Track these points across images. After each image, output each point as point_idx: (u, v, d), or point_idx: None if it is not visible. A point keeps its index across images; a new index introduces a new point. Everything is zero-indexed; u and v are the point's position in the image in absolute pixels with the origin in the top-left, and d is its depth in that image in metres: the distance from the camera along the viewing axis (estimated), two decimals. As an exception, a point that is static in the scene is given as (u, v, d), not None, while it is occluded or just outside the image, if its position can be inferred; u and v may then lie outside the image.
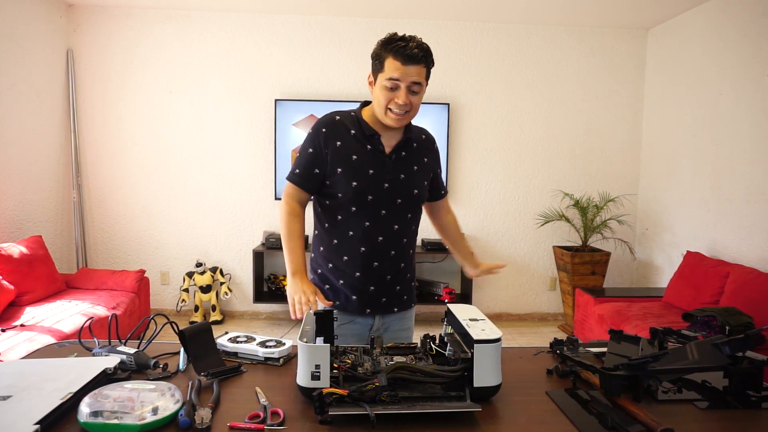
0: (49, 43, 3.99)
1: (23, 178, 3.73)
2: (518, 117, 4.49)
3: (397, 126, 1.52)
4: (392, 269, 1.59)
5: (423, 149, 1.63)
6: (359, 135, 1.53)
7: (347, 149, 1.52)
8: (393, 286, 1.60)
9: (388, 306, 1.60)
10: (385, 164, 1.54)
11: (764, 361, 1.20)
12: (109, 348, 1.30)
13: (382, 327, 1.61)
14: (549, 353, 1.43)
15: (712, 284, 3.22)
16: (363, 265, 1.55)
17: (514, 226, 4.58)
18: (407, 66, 1.42)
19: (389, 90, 1.45)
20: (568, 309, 4.30)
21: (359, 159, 1.52)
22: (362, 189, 1.51)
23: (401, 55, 1.41)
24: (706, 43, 3.74)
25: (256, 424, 1.00)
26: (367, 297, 1.57)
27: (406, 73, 1.42)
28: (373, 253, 1.55)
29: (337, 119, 1.55)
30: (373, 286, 1.57)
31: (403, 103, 1.45)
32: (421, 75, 1.45)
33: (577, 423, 1.03)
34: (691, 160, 3.90)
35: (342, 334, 1.55)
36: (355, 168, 1.51)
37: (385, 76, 1.44)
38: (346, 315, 1.57)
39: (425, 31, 4.33)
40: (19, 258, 3.20)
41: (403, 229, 1.59)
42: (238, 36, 4.31)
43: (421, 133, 1.66)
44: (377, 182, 1.52)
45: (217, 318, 4.30)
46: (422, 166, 1.61)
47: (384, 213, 1.54)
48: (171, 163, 4.37)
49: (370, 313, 1.59)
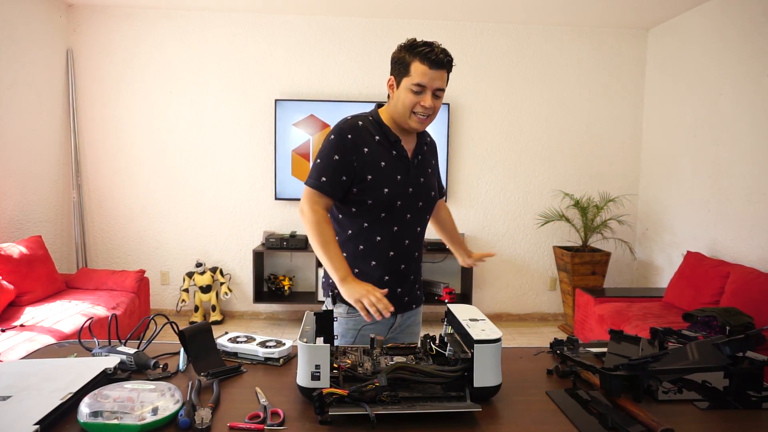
0: (49, 43, 3.99)
1: (23, 178, 3.73)
2: (518, 117, 4.49)
3: (420, 129, 1.56)
4: (415, 269, 1.66)
5: (431, 152, 1.71)
6: (383, 141, 1.54)
7: (375, 156, 1.52)
8: (414, 285, 1.67)
9: (408, 304, 1.66)
10: (410, 170, 1.58)
11: (764, 362, 1.20)
12: (109, 348, 1.29)
13: (401, 324, 1.65)
14: (549, 353, 1.43)
15: (712, 284, 3.22)
16: (392, 268, 1.58)
17: (514, 226, 4.58)
18: (434, 71, 1.45)
19: (415, 94, 1.47)
20: (568, 309, 4.30)
21: (387, 165, 1.53)
22: (393, 195, 1.53)
23: (428, 60, 1.44)
24: (706, 43, 3.74)
25: (256, 424, 1.00)
26: (395, 299, 1.57)
27: (433, 78, 1.46)
28: (401, 256, 1.59)
29: (360, 124, 1.53)
30: (400, 288, 1.61)
31: (429, 106, 1.48)
32: (444, 80, 1.49)
33: (577, 423, 1.03)
34: (691, 160, 3.90)
35: (363, 334, 1.55)
36: (385, 175, 1.52)
37: (411, 81, 1.46)
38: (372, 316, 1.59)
39: (425, 31, 4.33)
40: (18, 258, 3.20)
41: (423, 230, 1.67)
42: (238, 36, 4.31)
43: (425, 135, 1.70)
44: (404, 187, 1.55)
45: (217, 318, 4.30)
46: (434, 169, 1.71)
47: (409, 217, 1.58)
48: (171, 163, 4.37)
49: (393, 313, 1.57)
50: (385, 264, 1.57)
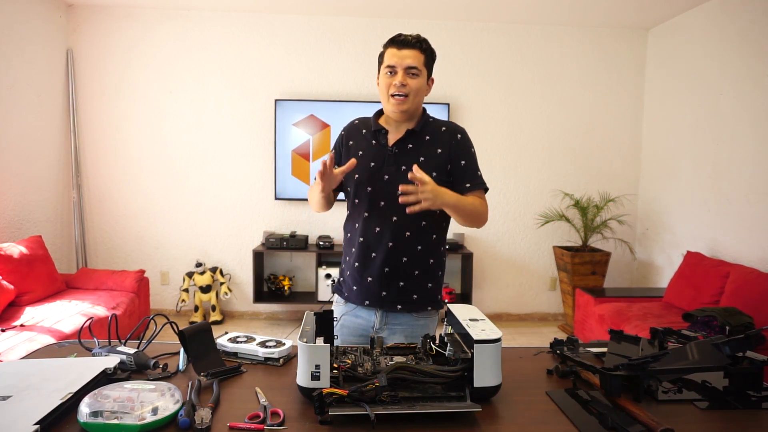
0: (49, 43, 3.99)
1: (23, 178, 3.73)
2: (518, 117, 4.49)
3: (398, 112, 1.56)
4: (390, 262, 1.56)
5: (437, 141, 1.59)
6: (368, 133, 1.65)
7: (357, 147, 1.64)
8: (394, 280, 1.57)
9: (388, 302, 1.57)
10: (386, 157, 1.59)
11: (764, 361, 1.20)
12: (109, 348, 1.29)
13: (386, 327, 1.58)
14: (549, 353, 1.43)
15: (712, 284, 3.22)
16: (361, 255, 1.60)
17: (514, 226, 4.58)
18: (402, 50, 1.53)
19: (388, 76, 1.55)
20: (568, 309, 4.30)
21: (364, 154, 1.61)
22: (362, 181, 1.59)
23: (396, 42, 1.55)
24: (707, 42, 3.74)
25: (256, 424, 1.00)
26: (365, 288, 1.59)
27: (402, 57, 1.53)
28: (370, 244, 1.59)
29: (355, 123, 1.70)
30: (370, 277, 1.59)
31: (400, 83, 1.52)
32: (416, 59, 1.54)
33: (577, 423, 1.03)
34: (691, 160, 3.90)
35: (345, 326, 1.62)
36: (359, 163, 1.58)
37: (383, 65, 1.57)
38: (349, 305, 1.65)
39: (425, 31, 4.30)
40: (18, 258, 3.20)
41: (404, 222, 1.55)
42: (238, 36, 4.31)
43: (441, 125, 1.63)
44: (377, 174, 1.58)
45: (217, 318, 4.30)
46: (431, 158, 1.57)
47: (383, 204, 1.57)
48: (171, 163, 4.37)
49: (369, 305, 1.60)
50: (357, 250, 1.61)
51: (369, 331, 1.59)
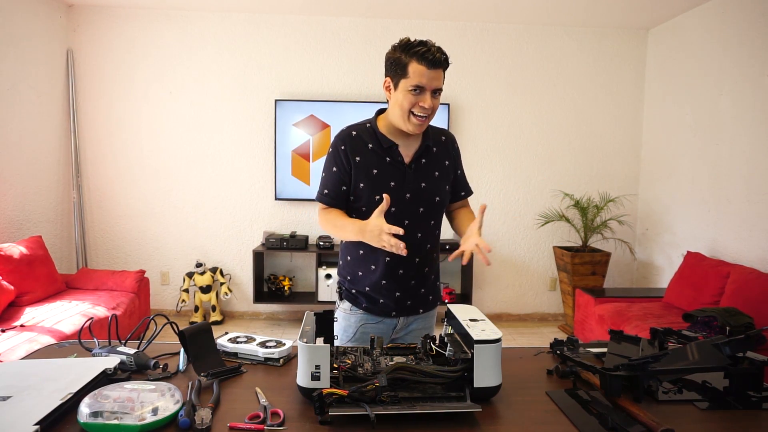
0: (49, 43, 3.99)
1: (23, 178, 3.73)
2: (518, 117, 4.49)
3: (418, 131, 1.52)
4: (417, 275, 1.61)
5: (443, 153, 1.63)
6: (377, 148, 1.55)
7: (367, 163, 1.53)
8: (418, 289, 1.63)
9: (413, 308, 1.64)
10: (406, 175, 1.55)
11: (764, 362, 1.20)
12: (109, 348, 1.29)
13: (405, 326, 1.65)
14: (549, 353, 1.43)
15: (712, 284, 3.22)
16: (389, 273, 1.57)
17: (514, 226, 4.58)
18: (432, 70, 1.44)
19: (414, 95, 1.46)
20: (568, 309, 4.30)
21: (380, 172, 1.53)
22: None
23: (426, 60, 1.42)
24: (706, 43, 3.74)
25: (256, 424, 1.00)
26: (394, 301, 1.60)
27: (431, 78, 1.44)
28: (398, 262, 1.57)
29: (353, 134, 1.56)
30: (399, 292, 1.60)
31: (429, 107, 1.46)
32: (441, 79, 1.48)
33: (578, 423, 1.03)
34: (691, 160, 3.90)
35: (365, 332, 1.59)
36: (376, 182, 1.52)
37: (410, 82, 1.45)
38: (373, 317, 1.61)
39: (425, 32, 4.33)
40: (19, 258, 3.20)
41: (427, 235, 1.60)
42: (238, 36, 4.31)
43: (440, 134, 1.65)
44: (399, 194, 1.53)
45: (217, 318, 4.30)
46: (443, 171, 1.61)
47: (407, 223, 1.54)
48: (171, 163, 4.37)
49: (395, 315, 1.62)
50: (383, 269, 1.57)
51: (389, 333, 1.63)
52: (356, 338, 1.60)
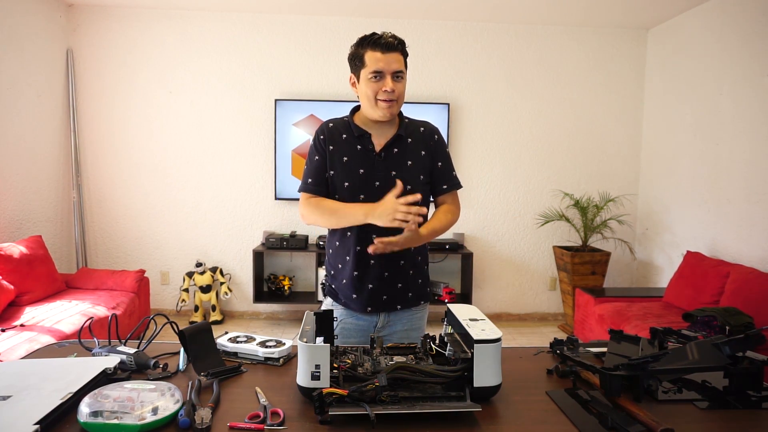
0: (49, 43, 3.98)
1: (23, 178, 3.73)
2: (518, 117, 4.49)
3: (388, 116, 1.55)
4: (390, 266, 1.59)
5: (419, 143, 1.61)
6: (350, 137, 1.59)
7: (340, 152, 1.57)
8: (393, 283, 1.60)
9: (389, 304, 1.61)
10: (375, 163, 1.56)
11: (764, 361, 1.20)
12: (109, 348, 1.29)
13: (387, 325, 1.63)
14: (549, 353, 1.43)
15: (712, 284, 3.22)
16: (359, 263, 1.57)
17: (514, 226, 4.58)
18: (387, 54, 1.50)
19: (375, 81, 1.52)
20: (568, 309, 4.30)
21: (350, 160, 1.57)
22: (354, 189, 1.55)
23: (379, 46, 1.51)
24: (706, 43, 3.74)
25: (256, 424, 1.00)
26: (367, 295, 1.59)
27: (388, 61, 1.50)
28: (367, 252, 1.54)
29: (330, 126, 1.62)
30: (371, 284, 1.58)
31: (391, 89, 1.50)
32: (400, 63, 1.53)
33: (577, 423, 1.03)
34: (691, 160, 3.90)
35: (347, 329, 1.59)
36: (346, 169, 1.55)
37: (368, 70, 1.52)
38: (351, 312, 1.61)
39: (425, 31, 4.34)
40: (19, 258, 3.20)
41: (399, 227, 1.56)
42: (238, 36, 4.31)
43: (419, 126, 1.65)
44: (368, 181, 1.55)
45: (217, 318, 4.30)
46: (417, 161, 1.60)
47: None
48: (171, 163, 4.37)
49: (372, 311, 1.61)
50: (354, 259, 1.57)
51: (370, 332, 1.60)
52: (338, 331, 1.57)
